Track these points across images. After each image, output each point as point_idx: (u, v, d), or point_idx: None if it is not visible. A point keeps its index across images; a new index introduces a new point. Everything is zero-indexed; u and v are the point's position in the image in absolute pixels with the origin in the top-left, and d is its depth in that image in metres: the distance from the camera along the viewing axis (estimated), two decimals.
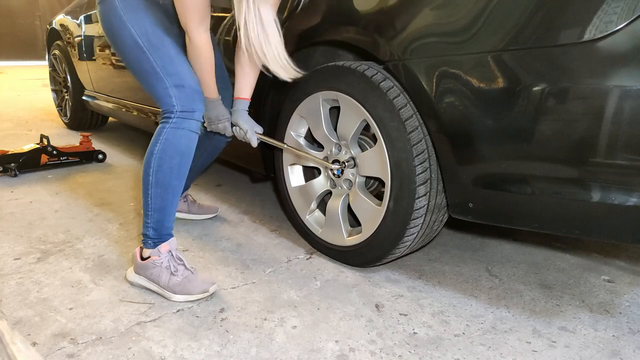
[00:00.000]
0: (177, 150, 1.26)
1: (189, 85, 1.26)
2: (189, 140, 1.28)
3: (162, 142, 1.26)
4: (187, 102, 1.25)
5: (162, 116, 1.29)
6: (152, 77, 1.25)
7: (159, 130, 1.28)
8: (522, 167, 1.03)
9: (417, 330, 1.15)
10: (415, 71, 1.14)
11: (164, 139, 1.26)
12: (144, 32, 1.23)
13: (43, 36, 10.98)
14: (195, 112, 1.27)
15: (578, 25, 0.89)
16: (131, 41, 1.24)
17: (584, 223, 1.00)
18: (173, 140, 1.26)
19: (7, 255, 1.47)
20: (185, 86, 1.25)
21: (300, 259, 1.52)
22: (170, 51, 1.25)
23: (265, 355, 1.04)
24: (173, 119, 1.26)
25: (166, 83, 1.24)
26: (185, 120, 1.26)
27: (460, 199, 1.17)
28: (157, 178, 1.26)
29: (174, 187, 1.28)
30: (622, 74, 0.87)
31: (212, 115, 1.50)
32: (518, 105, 0.99)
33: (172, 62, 1.24)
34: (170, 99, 1.25)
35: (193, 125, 1.28)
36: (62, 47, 3.47)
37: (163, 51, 1.24)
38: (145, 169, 1.27)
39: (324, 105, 1.45)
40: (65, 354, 1.02)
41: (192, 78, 1.27)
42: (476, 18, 1.02)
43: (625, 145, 0.89)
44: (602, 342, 1.13)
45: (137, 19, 1.23)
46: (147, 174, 1.27)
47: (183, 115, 1.26)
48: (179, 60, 1.26)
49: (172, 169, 1.26)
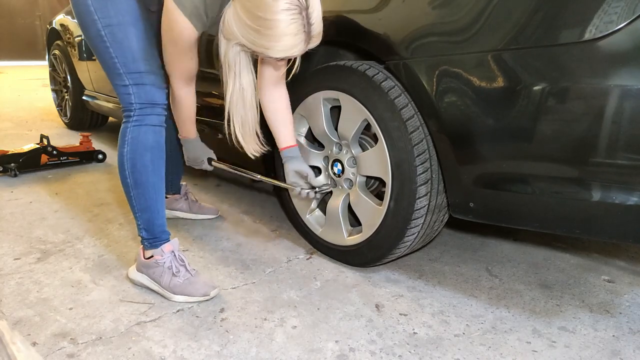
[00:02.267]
0: (146, 146, 1.24)
1: (150, 83, 1.22)
2: (156, 134, 1.25)
3: (129, 143, 1.23)
4: (146, 97, 1.22)
5: (123, 114, 1.26)
6: (112, 72, 1.22)
7: (123, 130, 1.25)
8: (523, 166, 1.03)
9: (417, 330, 1.15)
10: (415, 70, 1.14)
11: (130, 138, 1.23)
12: (108, 23, 1.17)
13: (43, 36, 10.96)
14: (156, 105, 1.24)
15: (579, 24, 0.89)
16: (94, 32, 1.18)
17: (584, 222, 0.99)
18: (139, 137, 1.23)
19: (7, 255, 1.47)
20: (146, 84, 1.22)
21: (300, 259, 1.52)
22: (133, 47, 1.19)
23: (265, 355, 1.04)
24: (134, 116, 1.23)
25: (126, 80, 1.21)
26: (147, 117, 1.24)
27: (461, 199, 1.17)
28: (135, 179, 1.24)
29: (154, 184, 1.26)
30: (622, 74, 0.87)
31: (191, 155, 1.53)
32: (519, 104, 0.99)
33: (134, 60, 1.20)
34: (129, 96, 1.22)
35: (155, 120, 1.25)
36: (62, 47, 3.47)
37: (126, 47, 1.19)
38: (121, 172, 1.26)
39: (325, 104, 1.45)
40: (65, 354, 1.02)
41: (155, 76, 1.23)
42: (477, 17, 1.02)
43: (626, 145, 0.89)
44: (602, 342, 1.13)
45: (104, 8, 1.16)
46: (124, 177, 1.26)
47: (143, 111, 1.23)
48: (142, 56, 1.21)
49: (146, 167, 1.24)
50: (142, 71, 1.21)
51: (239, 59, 1.16)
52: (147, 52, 1.22)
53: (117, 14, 1.17)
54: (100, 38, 1.18)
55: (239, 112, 1.24)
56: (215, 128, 1.87)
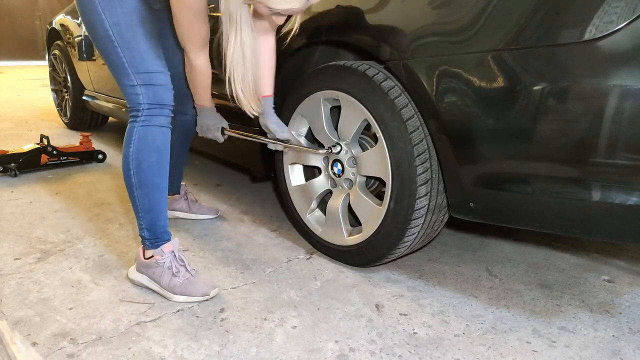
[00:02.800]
0: (153, 147, 1.23)
1: (157, 84, 1.22)
2: (162, 135, 1.25)
3: (136, 142, 1.23)
4: (154, 97, 1.22)
5: (130, 113, 1.25)
6: (120, 72, 1.21)
7: (130, 129, 1.24)
8: (523, 166, 1.03)
9: (417, 330, 1.15)
10: (415, 70, 1.14)
11: (137, 138, 1.23)
12: (115, 22, 1.17)
13: (43, 36, 10.97)
14: (165, 107, 1.24)
15: (579, 24, 0.89)
16: (102, 31, 1.18)
17: (584, 222, 0.99)
18: (146, 138, 1.23)
19: (7, 255, 1.47)
20: (154, 84, 1.22)
21: (300, 259, 1.52)
22: (141, 46, 1.19)
23: (265, 355, 1.04)
24: (141, 117, 1.23)
25: (134, 80, 1.20)
26: (154, 117, 1.23)
27: (461, 199, 1.17)
28: (140, 179, 1.24)
29: (158, 185, 1.26)
30: (622, 74, 0.87)
31: (204, 123, 1.51)
32: (518, 104, 0.99)
33: (143, 60, 1.20)
34: (137, 96, 1.21)
35: (163, 121, 1.25)
36: (62, 47, 3.47)
37: (134, 46, 1.19)
38: (125, 172, 1.25)
39: (325, 104, 1.45)
40: (65, 354, 1.02)
41: (163, 76, 1.23)
42: (477, 17, 1.02)
43: (626, 145, 0.89)
44: (602, 342, 1.13)
45: (111, 6, 1.16)
46: (128, 177, 1.25)
47: (151, 112, 1.23)
48: (150, 56, 1.21)
49: (152, 167, 1.24)
50: (151, 71, 1.21)
51: (239, 13, 1.13)
52: (154, 52, 1.22)
53: (125, 13, 1.17)
54: (108, 38, 1.18)
55: (239, 68, 1.21)
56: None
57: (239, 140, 1.53)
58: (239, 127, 1.62)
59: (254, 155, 1.78)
